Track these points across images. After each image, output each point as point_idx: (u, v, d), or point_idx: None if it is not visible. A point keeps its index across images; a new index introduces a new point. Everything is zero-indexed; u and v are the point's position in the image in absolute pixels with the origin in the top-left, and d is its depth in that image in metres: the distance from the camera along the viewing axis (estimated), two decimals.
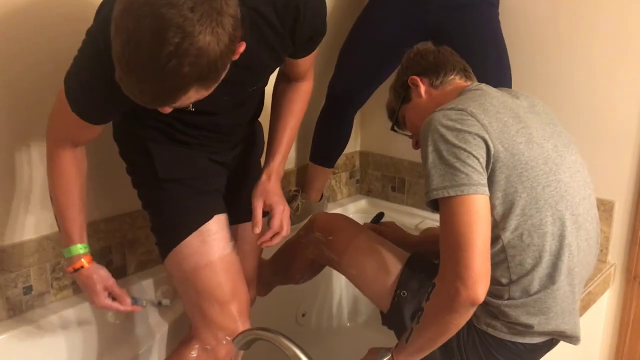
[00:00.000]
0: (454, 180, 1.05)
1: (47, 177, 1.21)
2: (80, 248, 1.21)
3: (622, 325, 1.77)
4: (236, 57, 0.95)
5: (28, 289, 1.39)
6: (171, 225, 1.26)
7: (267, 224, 1.28)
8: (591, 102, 1.68)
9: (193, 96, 0.92)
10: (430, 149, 1.09)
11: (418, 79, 1.29)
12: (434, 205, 1.10)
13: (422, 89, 1.29)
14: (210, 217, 1.25)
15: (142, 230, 1.57)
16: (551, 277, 1.11)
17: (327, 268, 1.48)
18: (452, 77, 1.28)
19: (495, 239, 1.10)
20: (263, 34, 1.09)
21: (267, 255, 1.55)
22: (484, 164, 1.07)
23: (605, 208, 1.69)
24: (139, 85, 0.88)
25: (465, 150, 1.06)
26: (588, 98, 1.68)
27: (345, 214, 2.03)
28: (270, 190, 1.28)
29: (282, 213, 1.27)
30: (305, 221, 1.50)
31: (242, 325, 1.25)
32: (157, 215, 1.29)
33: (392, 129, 1.41)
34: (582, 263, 1.16)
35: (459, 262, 1.02)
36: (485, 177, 1.07)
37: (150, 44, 0.84)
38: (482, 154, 1.07)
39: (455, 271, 1.03)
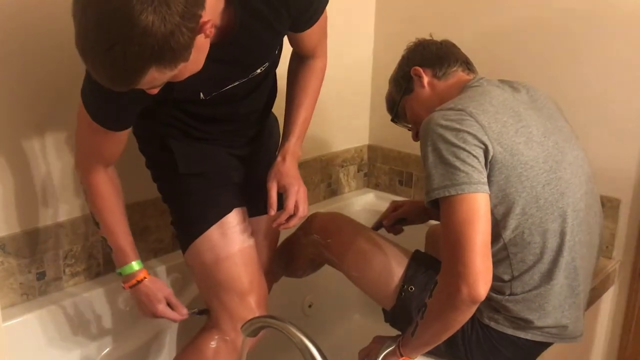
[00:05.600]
0: (455, 179, 1.05)
1: (88, 203, 1.24)
2: (135, 265, 1.24)
3: (625, 322, 1.78)
4: (208, 33, 0.91)
5: (42, 275, 1.42)
6: (191, 219, 1.28)
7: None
8: (598, 100, 1.68)
9: (159, 77, 0.89)
10: (429, 149, 1.09)
11: (421, 70, 1.29)
12: (435, 205, 1.10)
13: (425, 80, 1.29)
14: (230, 210, 1.27)
15: (153, 219, 1.59)
16: (550, 272, 1.13)
17: None
18: (454, 69, 1.29)
19: (496, 237, 1.11)
20: (256, 9, 1.08)
21: None
22: (483, 163, 1.08)
23: (611, 205, 1.70)
24: (94, 69, 0.88)
25: (464, 149, 1.07)
26: (595, 96, 1.68)
27: (349, 207, 2.07)
28: (284, 171, 1.27)
29: (296, 194, 1.25)
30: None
31: None
32: (177, 209, 1.31)
33: (393, 120, 1.41)
34: (585, 257, 1.17)
35: (459, 261, 1.03)
36: (485, 175, 1.08)
37: (94, 30, 0.84)
38: (480, 154, 1.08)
39: (456, 269, 1.04)
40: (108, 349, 1.50)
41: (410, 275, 1.25)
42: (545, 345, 1.23)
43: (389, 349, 1.21)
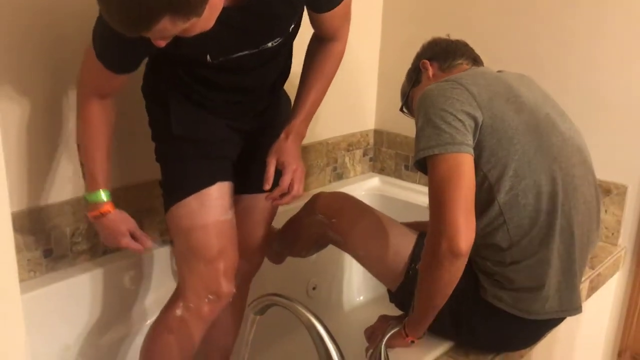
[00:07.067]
0: (439, 140, 1.10)
1: (76, 126, 1.24)
2: (103, 195, 1.24)
3: (629, 308, 1.78)
4: None
5: (48, 252, 1.42)
6: (175, 183, 1.29)
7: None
8: (605, 86, 1.68)
9: (170, 27, 0.91)
10: (421, 114, 1.15)
11: (428, 63, 1.36)
12: (423, 167, 1.14)
13: (431, 71, 1.36)
14: (213, 183, 1.28)
15: (160, 199, 1.58)
16: (548, 237, 1.14)
17: None
18: (460, 62, 1.35)
19: (491, 201, 1.14)
20: None
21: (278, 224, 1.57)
22: (470, 129, 1.12)
23: (618, 192, 1.70)
24: (109, 12, 0.90)
25: (451, 113, 1.11)
26: (602, 83, 1.68)
27: (354, 191, 2.07)
28: (285, 149, 1.29)
29: (293, 172, 1.27)
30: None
31: (225, 285, 1.28)
32: (165, 171, 1.33)
33: (401, 109, 1.47)
34: (583, 228, 1.19)
35: (440, 217, 1.06)
36: (471, 138, 1.12)
37: None
38: (466, 119, 1.12)
39: (437, 226, 1.07)
40: (113, 326, 1.51)
41: (418, 253, 1.24)
42: (549, 325, 1.24)
43: (395, 330, 1.21)
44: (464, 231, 1.04)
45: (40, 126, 1.35)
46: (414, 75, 1.41)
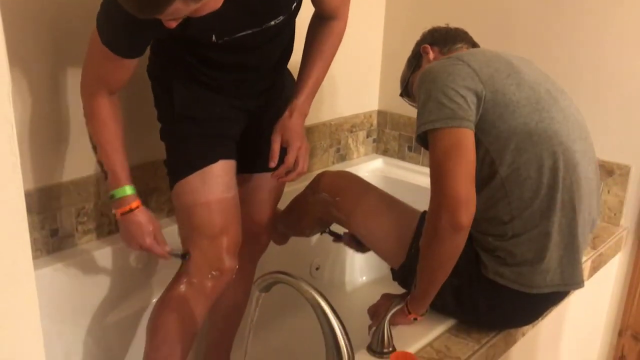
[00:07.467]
0: (440, 114, 1.11)
1: (88, 128, 1.25)
2: (128, 190, 1.24)
3: (630, 288, 1.79)
4: None
5: (54, 232, 1.43)
6: (178, 161, 1.31)
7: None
8: (609, 66, 1.67)
9: (182, 8, 0.93)
10: (423, 89, 1.16)
11: (429, 47, 1.37)
12: (424, 142, 1.16)
13: (432, 55, 1.37)
14: (215, 161, 1.29)
15: (165, 179, 1.58)
16: (549, 209, 1.15)
17: None
18: (460, 45, 1.36)
19: (492, 175, 1.15)
20: None
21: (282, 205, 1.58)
22: (472, 104, 1.13)
23: (621, 172, 1.70)
24: None
25: (453, 89, 1.13)
26: (606, 63, 1.67)
27: (358, 173, 2.07)
28: (289, 126, 1.31)
29: (297, 149, 1.30)
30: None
31: (228, 261, 1.29)
32: (169, 149, 1.34)
33: (401, 94, 1.48)
34: (585, 203, 1.19)
35: (441, 191, 1.07)
36: (472, 114, 1.13)
37: None
38: (468, 94, 1.13)
39: (437, 200, 1.08)
40: (119, 305, 1.52)
41: (421, 231, 1.25)
42: (551, 300, 1.25)
43: (397, 308, 1.23)
44: (465, 205, 1.05)
45: (44, 105, 1.36)
46: (414, 61, 1.42)
